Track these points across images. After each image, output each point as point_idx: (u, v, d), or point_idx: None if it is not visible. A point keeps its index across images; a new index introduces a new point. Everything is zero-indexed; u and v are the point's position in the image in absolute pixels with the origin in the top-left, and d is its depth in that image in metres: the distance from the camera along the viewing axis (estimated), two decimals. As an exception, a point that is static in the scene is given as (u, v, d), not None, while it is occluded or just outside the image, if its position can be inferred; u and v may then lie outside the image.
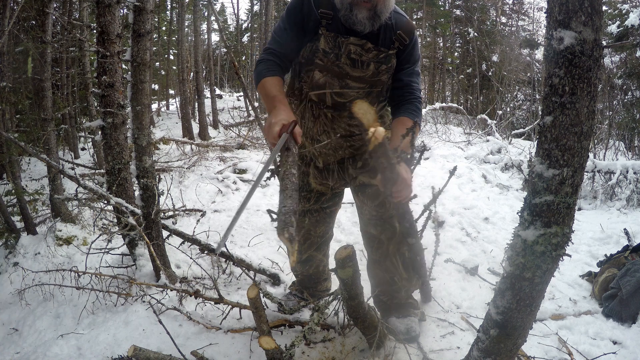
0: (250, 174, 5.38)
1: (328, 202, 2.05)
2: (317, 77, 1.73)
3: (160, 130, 9.11)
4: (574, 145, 1.04)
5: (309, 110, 1.80)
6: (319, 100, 1.77)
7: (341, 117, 1.78)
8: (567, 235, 1.11)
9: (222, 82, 23.42)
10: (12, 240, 3.20)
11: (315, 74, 1.73)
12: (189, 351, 1.69)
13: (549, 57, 1.04)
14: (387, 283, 1.96)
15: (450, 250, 3.06)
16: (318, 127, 1.81)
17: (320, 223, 2.08)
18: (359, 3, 1.60)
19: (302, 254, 2.12)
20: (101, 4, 2.65)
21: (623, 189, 4.34)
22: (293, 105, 1.83)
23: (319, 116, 1.79)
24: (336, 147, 1.84)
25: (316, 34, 1.71)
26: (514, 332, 1.23)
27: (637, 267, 2.26)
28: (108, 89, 2.70)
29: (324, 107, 1.77)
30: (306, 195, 2.00)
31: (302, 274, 2.22)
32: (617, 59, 10.05)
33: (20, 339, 2.12)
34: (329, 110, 1.78)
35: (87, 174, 5.16)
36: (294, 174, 1.32)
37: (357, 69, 1.71)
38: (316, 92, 1.76)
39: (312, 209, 2.03)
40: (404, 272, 1.94)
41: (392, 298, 1.98)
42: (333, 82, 1.72)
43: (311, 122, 1.81)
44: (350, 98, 1.73)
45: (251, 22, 21.11)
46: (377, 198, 1.88)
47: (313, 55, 1.72)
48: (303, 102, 1.81)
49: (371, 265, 2.01)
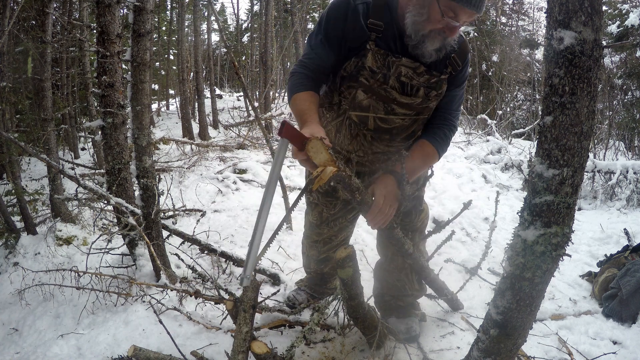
0: (251, 173, 5.38)
1: (353, 211, 2.00)
2: (361, 98, 1.57)
3: (160, 130, 9.11)
4: (574, 145, 1.04)
5: (347, 128, 1.67)
6: (359, 122, 1.63)
7: (381, 139, 1.66)
8: (567, 235, 1.11)
9: (222, 82, 23.43)
10: (12, 240, 3.20)
11: (359, 93, 1.57)
12: (189, 351, 1.69)
13: (549, 57, 1.04)
14: (397, 289, 1.97)
15: (450, 250, 3.06)
16: (354, 145, 1.69)
17: (343, 230, 2.07)
18: (435, 36, 1.44)
19: (320, 254, 2.12)
20: (101, 4, 2.65)
21: (623, 189, 4.34)
22: (327, 117, 1.71)
23: (357, 136, 1.67)
24: (373, 160, 1.75)
25: (363, 48, 1.52)
26: (514, 332, 1.23)
27: (637, 267, 2.26)
28: (108, 89, 2.70)
29: (364, 129, 1.64)
30: (332, 201, 1.93)
31: (316, 272, 2.21)
32: (617, 59, 10.05)
33: (20, 339, 2.12)
34: (369, 133, 1.64)
35: (87, 174, 5.16)
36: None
37: (405, 95, 1.56)
38: (358, 113, 1.61)
39: (337, 216, 1.99)
40: (416, 284, 1.98)
41: (397, 300, 1.99)
42: (378, 106, 1.57)
43: (347, 140, 1.69)
44: (395, 125, 1.61)
45: (251, 22, 21.10)
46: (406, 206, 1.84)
47: (358, 73, 1.54)
48: (340, 117, 1.66)
49: (382, 271, 2.01)
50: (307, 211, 2.08)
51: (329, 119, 1.70)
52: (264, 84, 9.80)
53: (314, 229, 2.07)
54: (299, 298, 2.20)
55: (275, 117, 8.15)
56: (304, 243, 2.21)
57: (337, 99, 1.65)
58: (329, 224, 2.01)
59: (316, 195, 1.94)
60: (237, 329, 1.56)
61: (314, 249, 2.13)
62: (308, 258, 2.21)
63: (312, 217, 2.04)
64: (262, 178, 5.28)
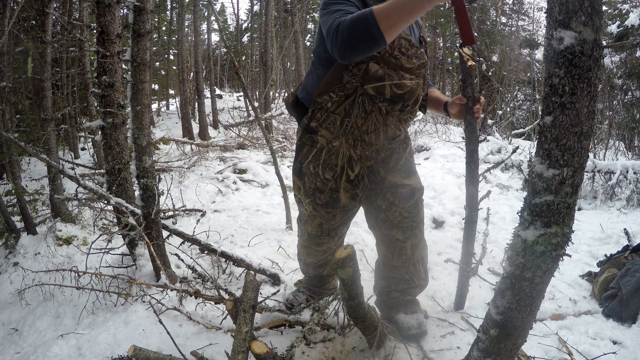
0: (251, 173, 5.39)
1: (353, 217, 2.05)
2: (374, 69, 1.65)
3: (160, 130, 9.12)
4: (574, 145, 1.04)
5: (360, 106, 1.71)
6: (376, 94, 1.68)
7: (394, 110, 1.74)
8: (567, 235, 1.11)
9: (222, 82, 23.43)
10: (12, 240, 3.20)
11: (372, 65, 1.64)
12: (189, 351, 1.69)
13: (549, 57, 1.04)
14: (405, 282, 1.98)
15: (450, 250, 3.06)
16: (368, 124, 1.73)
17: (342, 237, 2.11)
18: None
19: (319, 261, 2.14)
20: (101, 4, 2.65)
21: (623, 189, 4.34)
22: (333, 102, 1.72)
23: (371, 112, 1.72)
24: (379, 149, 1.80)
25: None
26: (514, 332, 1.23)
27: (637, 267, 2.26)
28: (108, 89, 2.70)
29: (380, 100, 1.70)
30: (331, 212, 1.95)
31: (315, 276, 2.23)
32: (617, 59, 10.05)
33: (20, 339, 2.12)
34: (384, 104, 1.71)
35: (87, 174, 5.16)
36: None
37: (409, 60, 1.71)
38: (374, 84, 1.67)
39: (338, 225, 2.01)
40: (423, 273, 2.01)
41: (404, 294, 2.00)
42: (391, 74, 1.67)
43: (361, 120, 1.73)
44: (407, 89, 1.71)
45: (251, 22, 21.10)
46: (411, 198, 1.88)
47: None
48: (351, 97, 1.70)
49: (387, 269, 2.01)
50: (305, 221, 2.06)
51: (339, 101, 1.72)
52: (264, 84, 9.80)
53: (313, 239, 2.07)
54: (298, 300, 2.20)
55: (275, 117, 8.15)
56: (301, 251, 2.21)
57: (348, 78, 1.67)
58: (330, 233, 2.02)
59: (314, 207, 1.94)
60: (237, 329, 1.56)
61: (312, 257, 2.15)
62: (306, 265, 2.22)
63: (311, 229, 2.04)
64: (262, 178, 5.28)
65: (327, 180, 1.86)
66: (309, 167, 1.86)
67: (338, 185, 1.87)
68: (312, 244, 2.09)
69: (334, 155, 1.82)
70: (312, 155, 1.84)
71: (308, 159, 1.86)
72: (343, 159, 1.82)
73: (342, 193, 1.89)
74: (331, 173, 1.84)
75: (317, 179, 1.87)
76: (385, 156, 1.85)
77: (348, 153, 1.81)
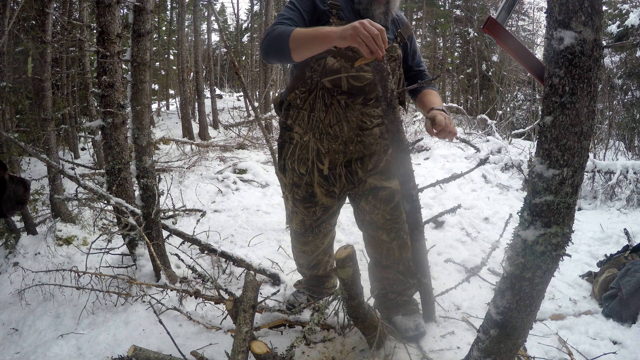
0: (251, 173, 5.38)
1: (335, 215, 2.06)
2: (331, 63, 1.70)
3: (160, 130, 9.11)
4: (574, 145, 1.04)
5: (320, 100, 1.75)
6: (333, 87, 1.72)
7: (355, 104, 1.75)
8: (567, 235, 1.11)
9: (222, 82, 23.43)
10: (12, 240, 3.20)
11: (329, 60, 1.70)
12: (189, 351, 1.69)
13: (549, 57, 1.04)
14: (400, 283, 1.98)
15: (450, 250, 3.06)
16: (330, 117, 1.76)
17: (328, 234, 2.10)
18: (380, 0, 1.71)
19: (310, 262, 2.16)
20: (101, 4, 2.65)
21: (623, 189, 4.33)
22: (300, 99, 1.79)
23: (331, 105, 1.75)
24: (346, 142, 1.80)
25: (326, 23, 1.71)
26: (514, 332, 1.23)
27: (637, 267, 2.26)
28: (108, 89, 2.70)
29: (337, 93, 1.73)
30: (310, 207, 1.95)
31: (311, 276, 2.24)
32: (617, 59, 10.04)
33: (20, 339, 2.12)
34: (342, 97, 1.73)
35: (87, 174, 5.16)
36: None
37: None
38: (330, 77, 1.71)
39: (320, 221, 2.01)
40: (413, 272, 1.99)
41: (401, 295, 2.00)
42: (347, 66, 1.70)
43: (322, 113, 1.76)
44: (367, 81, 1.72)
45: (251, 22, 21.10)
46: (392, 201, 1.88)
47: None
48: (313, 92, 1.76)
49: (378, 270, 2.01)
50: (291, 219, 2.09)
51: (304, 97, 1.78)
52: (264, 84, 9.79)
53: (299, 238, 2.09)
54: (299, 301, 2.20)
55: (275, 117, 8.15)
56: (293, 252, 2.25)
57: (309, 74, 1.75)
58: (313, 230, 2.03)
59: (293, 202, 1.97)
60: (237, 329, 1.56)
61: (302, 258, 2.17)
62: (300, 266, 2.26)
63: (295, 226, 2.07)
64: (262, 178, 5.28)
65: (302, 174, 1.89)
66: (288, 163, 1.91)
67: (312, 179, 1.89)
68: (299, 243, 2.11)
69: (305, 149, 1.85)
70: (290, 151, 1.89)
71: (288, 155, 1.90)
72: (312, 152, 1.85)
73: (316, 188, 1.91)
74: (304, 167, 1.88)
75: (294, 174, 1.91)
76: (361, 155, 1.86)
77: (316, 147, 1.83)
